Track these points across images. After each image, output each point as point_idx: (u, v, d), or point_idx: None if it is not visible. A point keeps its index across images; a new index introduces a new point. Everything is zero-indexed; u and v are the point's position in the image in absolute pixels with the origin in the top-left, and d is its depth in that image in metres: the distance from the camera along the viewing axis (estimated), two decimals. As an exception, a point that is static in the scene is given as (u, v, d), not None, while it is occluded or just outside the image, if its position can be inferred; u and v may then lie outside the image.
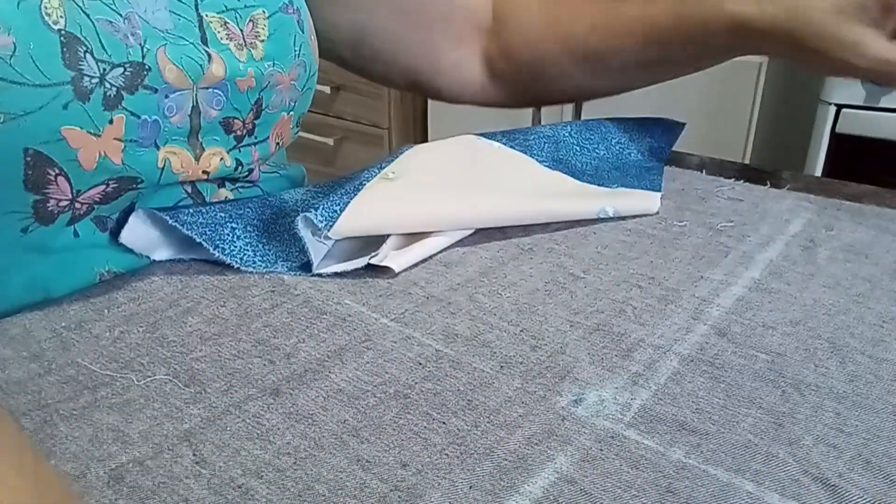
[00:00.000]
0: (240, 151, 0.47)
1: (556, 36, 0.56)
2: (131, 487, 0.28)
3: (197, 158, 0.44)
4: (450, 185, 0.48)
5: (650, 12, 0.50)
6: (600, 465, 0.29)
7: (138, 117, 0.40)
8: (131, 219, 0.43)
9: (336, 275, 0.43)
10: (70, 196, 0.39)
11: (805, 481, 0.28)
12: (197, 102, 0.43)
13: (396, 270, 0.43)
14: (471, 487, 0.28)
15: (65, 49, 0.36)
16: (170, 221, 0.42)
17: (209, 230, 0.43)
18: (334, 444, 0.30)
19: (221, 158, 0.46)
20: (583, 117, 1.43)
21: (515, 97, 0.63)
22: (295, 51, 0.48)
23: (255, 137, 0.48)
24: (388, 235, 0.45)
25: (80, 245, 0.41)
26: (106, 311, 0.39)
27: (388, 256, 0.43)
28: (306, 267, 0.43)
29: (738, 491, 0.27)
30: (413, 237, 0.46)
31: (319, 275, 0.43)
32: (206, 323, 0.38)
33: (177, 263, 0.44)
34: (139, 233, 0.43)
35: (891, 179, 0.69)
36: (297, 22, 0.48)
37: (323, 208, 0.43)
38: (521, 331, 0.38)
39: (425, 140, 1.77)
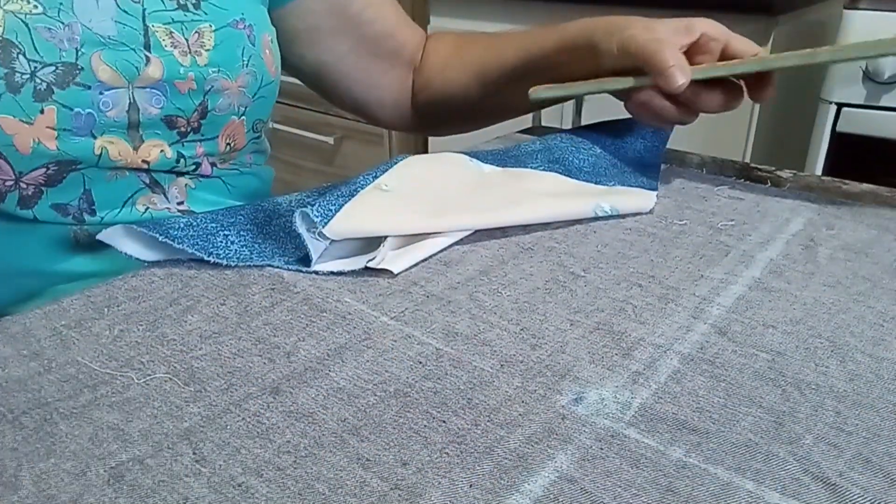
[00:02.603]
0: (183, 146, 0.53)
1: (460, 61, 0.68)
2: (131, 486, 0.28)
3: (136, 149, 0.51)
4: (444, 198, 0.48)
5: (528, 36, 0.63)
6: (601, 463, 0.29)
7: (71, 109, 0.46)
8: (120, 228, 0.43)
9: (336, 273, 0.43)
10: (13, 176, 0.47)
11: (805, 480, 0.28)
12: (134, 100, 0.49)
13: (395, 272, 0.43)
14: (471, 486, 0.28)
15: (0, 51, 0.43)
16: (160, 238, 0.42)
17: (201, 240, 0.43)
18: (334, 443, 0.30)
19: (162, 150, 0.52)
20: (583, 118, 1.43)
21: (429, 124, 0.76)
22: (243, 61, 0.54)
23: (202, 135, 0.54)
24: (386, 237, 0.44)
25: (42, 221, 0.49)
26: (106, 309, 0.39)
27: (387, 258, 0.43)
28: (304, 261, 0.43)
29: (738, 490, 0.27)
30: (411, 238, 0.46)
31: (319, 272, 0.43)
32: (205, 321, 0.38)
33: (177, 262, 0.44)
34: (127, 241, 0.44)
35: (891, 179, 0.69)
36: (248, 37, 0.54)
37: (319, 206, 0.43)
38: (522, 329, 0.38)
39: (424, 140, 1.77)
